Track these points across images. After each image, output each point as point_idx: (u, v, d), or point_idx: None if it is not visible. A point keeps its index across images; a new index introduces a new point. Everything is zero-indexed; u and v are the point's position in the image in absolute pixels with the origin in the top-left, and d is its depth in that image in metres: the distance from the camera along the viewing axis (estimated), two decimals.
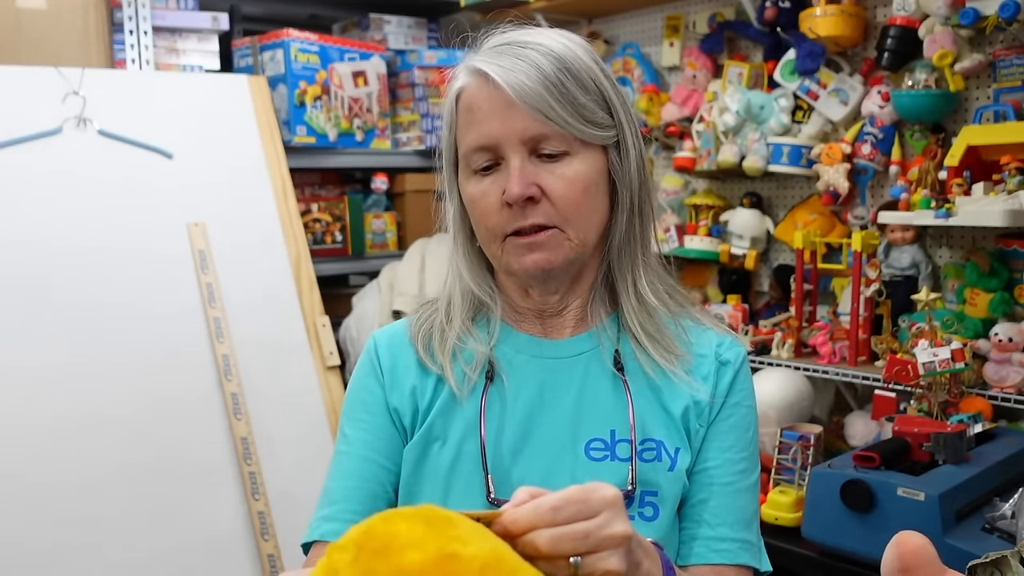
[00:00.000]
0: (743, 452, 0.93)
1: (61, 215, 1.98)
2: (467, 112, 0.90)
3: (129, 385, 1.92)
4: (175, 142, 2.16)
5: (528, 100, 0.85)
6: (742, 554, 0.91)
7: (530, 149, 0.87)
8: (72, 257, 1.96)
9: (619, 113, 0.92)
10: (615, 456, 0.89)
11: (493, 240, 0.90)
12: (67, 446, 1.82)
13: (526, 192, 0.86)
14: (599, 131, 0.89)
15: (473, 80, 0.89)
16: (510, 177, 0.87)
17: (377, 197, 2.78)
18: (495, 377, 0.93)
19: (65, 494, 1.79)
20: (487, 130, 0.88)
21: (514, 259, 0.89)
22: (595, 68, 0.90)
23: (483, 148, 0.88)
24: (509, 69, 0.86)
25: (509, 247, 0.89)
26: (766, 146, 2.16)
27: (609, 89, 0.91)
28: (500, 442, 0.90)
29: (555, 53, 0.87)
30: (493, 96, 0.87)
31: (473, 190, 0.90)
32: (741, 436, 0.94)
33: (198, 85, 2.31)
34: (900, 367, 1.75)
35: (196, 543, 1.88)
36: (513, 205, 0.87)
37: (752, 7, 2.20)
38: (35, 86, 2.05)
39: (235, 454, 1.97)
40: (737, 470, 0.92)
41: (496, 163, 0.89)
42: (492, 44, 0.91)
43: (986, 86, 1.89)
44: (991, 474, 1.55)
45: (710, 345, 0.96)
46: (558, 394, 0.92)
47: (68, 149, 2.04)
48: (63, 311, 1.91)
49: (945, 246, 2.00)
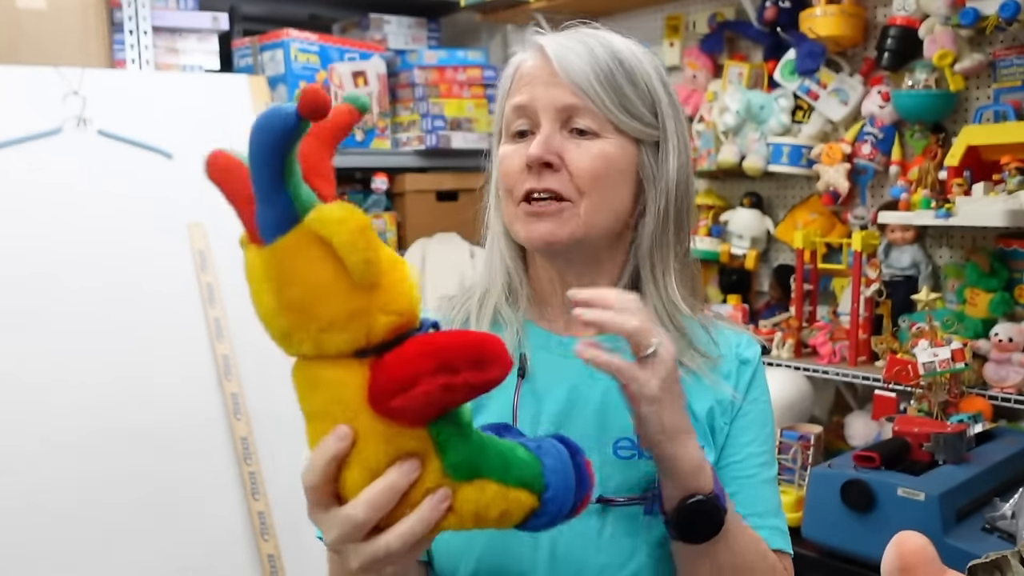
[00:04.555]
0: (763, 446, 0.95)
1: (61, 215, 1.98)
2: (518, 79, 0.94)
3: (128, 385, 1.92)
4: (175, 142, 2.16)
5: (571, 73, 0.89)
6: (775, 539, 0.92)
7: (563, 121, 0.90)
8: (71, 257, 1.96)
9: (666, 119, 0.93)
10: (642, 455, 0.89)
11: (509, 203, 0.93)
12: (66, 446, 1.82)
13: (544, 156, 0.88)
14: (637, 124, 0.91)
15: (531, 53, 0.94)
16: (535, 140, 0.89)
17: (377, 197, 2.78)
18: (525, 374, 0.93)
19: (65, 494, 1.79)
20: (528, 94, 0.91)
21: (521, 226, 0.91)
22: (651, 74, 0.93)
23: (520, 108, 0.91)
24: (563, 46, 0.91)
25: (520, 212, 0.91)
26: (766, 146, 2.16)
27: (660, 93, 0.93)
28: None
29: (614, 47, 0.92)
30: (542, 66, 0.91)
31: (504, 150, 0.93)
32: (760, 431, 0.95)
33: (198, 85, 2.31)
34: (900, 367, 1.76)
35: (196, 543, 1.88)
36: (532, 168, 0.89)
37: (752, 7, 2.20)
38: (35, 86, 2.05)
39: (235, 454, 1.97)
40: (759, 463, 0.94)
41: (532, 131, 0.91)
42: (562, 29, 0.96)
43: (986, 86, 1.89)
44: (991, 474, 1.56)
45: (729, 344, 0.97)
46: (586, 393, 0.92)
47: (68, 149, 2.04)
48: (63, 311, 1.91)
49: (945, 246, 2.00)
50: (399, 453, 0.62)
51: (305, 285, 0.59)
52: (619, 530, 0.87)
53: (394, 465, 0.62)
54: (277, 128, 0.56)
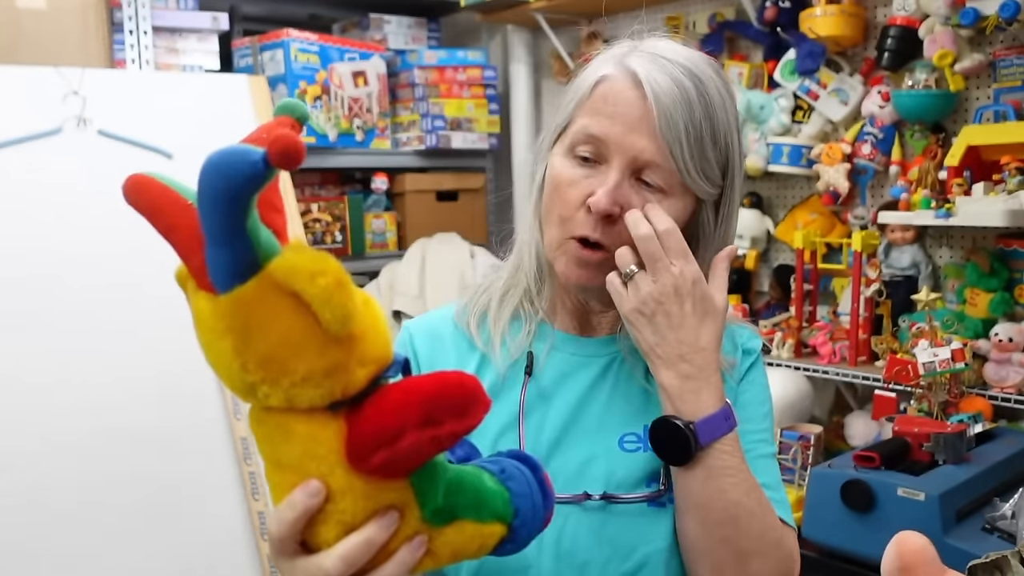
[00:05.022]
0: (760, 424, 0.95)
1: (61, 215, 1.98)
2: (601, 99, 0.87)
3: (129, 385, 1.92)
4: (175, 142, 2.16)
5: (664, 128, 0.83)
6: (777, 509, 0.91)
7: (633, 169, 0.85)
8: (72, 257, 1.96)
9: (734, 176, 0.90)
10: (647, 448, 0.89)
11: (556, 229, 0.89)
12: (67, 446, 1.82)
13: (611, 209, 0.84)
14: (706, 186, 0.88)
15: (622, 74, 0.87)
16: (604, 186, 0.84)
17: (377, 197, 2.78)
18: (533, 372, 0.93)
19: (65, 494, 1.79)
20: (609, 127, 0.85)
21: (563, 263, 0.89)
22: (732, 125, 0.89)
23: (594, 138, 0.86)
24: (663, 89, 0.84)
25: (566, 248, 0.88)
26: (766, 146, 2.16)
27: (735, 149, 0.89)
28: (538, 439, 0.90)
29: (709, 95, 0.85)
30: (634, 102, 0.85)
31: (565, 171, 0.88)
32: (756, 410, 0.95)
33: (198, 85, 2.31)
34: (900, 367, 1.76)
35: (196, 543, 1.88)
36: (592, 213, 0.85)
37: (752, 7, 2.20)
38: (35, 86, 2.05)
39: (235, 454, 1.97)
40: (755, 439, 0.93)
41: (597, 161, 0.87)
42: (649, 49, 0.89)
43: (986, 86, 1.89)
44: (991, 474, 1.56)
45: (733, 338, 0.97)
46: (593, 391, 0.93)
47: (68, 149, 2.04)
48: (63, 311, 1.91)
49: (945, 246, 2.00)
50: (378, 507, 0.59)
51: (274, 340, 0.54)
52: (624, 525, 0.87)
53: (372, 520, 0.59)
54: (243, 174, 0.50)
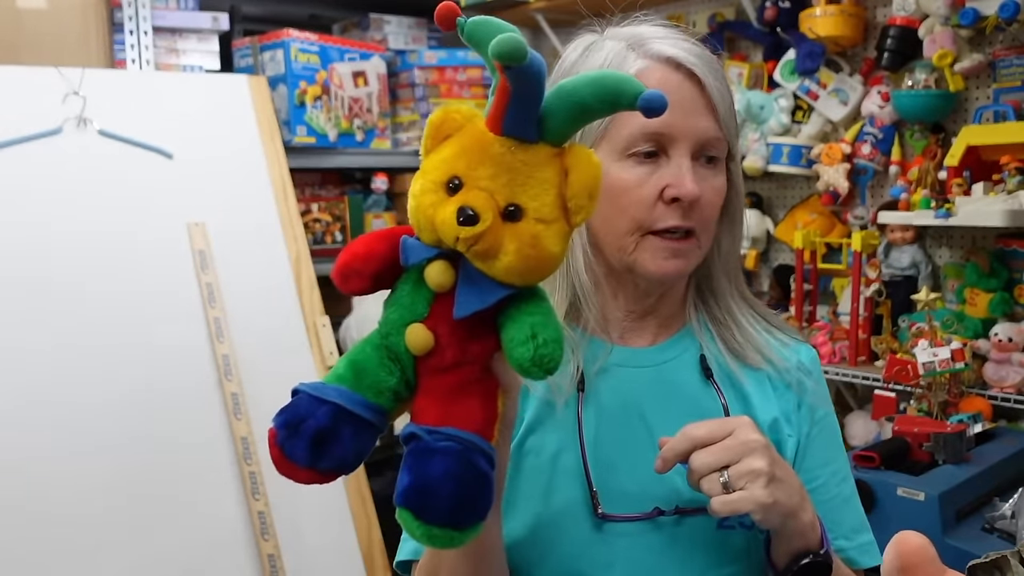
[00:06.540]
0: (839, 461, 0.93)
1: (61, 215, 1.98)
2: None
3: (129, 385, 1.92)
4: (175, 142, 2.16)
5: (717, 100, 0.84)
6: (867, 557, 0.91)
7: (696, 151, 0.84)
8: (72, 257, 1.96)
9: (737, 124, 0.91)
10: None
11: (629, 233, 0.85)
12: (66, 446, 1.82)
13: (700, 193, 0.83)
14: (733, 143, 0.88)
15: (657, 63, 0.85)
16: (682, 175, 0.82)
17: (377, 197, 2.78)
18: (585, 388, 0.89)
19: (64, 494, 1.79)
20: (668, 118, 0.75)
21: (649, 259, 0.85)
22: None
23: (655, 134, 0.83)
24: (704, 62, 0.84)
25: (647, 245, 0.85)
26: (766, 146, 2.16)
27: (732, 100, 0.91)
28: (598, 456, 0.87)
29: (716, 62, 0.87)
30: (683, 84, 0.84)
31: (626, 176, 0.84)
32: (833, 445, 0.93)
33: (198, 85, 2.31)
34: (900, 367, 1.76)
35: (196, 543, 1.88)
36: (675, 203, 0.83)
37: (752, 7, 2.20)
38: (35, 86, 2.05)
39: (235, 454, 1.96)
40: (840, 480, 0.92)
41: (655, 153, 0.84)
42: (651, 34, 0.88)
43: (986, 86, 1.89)
44: (991, 474, 1.56)
45: (789, 351, 0.94)
46: (651, 405, 0.89)
47: (68, 149, 2.04)
48: (63, 311, 1.91)
49: (945, 246, 2.00)
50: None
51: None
52: (694, 543, 0.85)
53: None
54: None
